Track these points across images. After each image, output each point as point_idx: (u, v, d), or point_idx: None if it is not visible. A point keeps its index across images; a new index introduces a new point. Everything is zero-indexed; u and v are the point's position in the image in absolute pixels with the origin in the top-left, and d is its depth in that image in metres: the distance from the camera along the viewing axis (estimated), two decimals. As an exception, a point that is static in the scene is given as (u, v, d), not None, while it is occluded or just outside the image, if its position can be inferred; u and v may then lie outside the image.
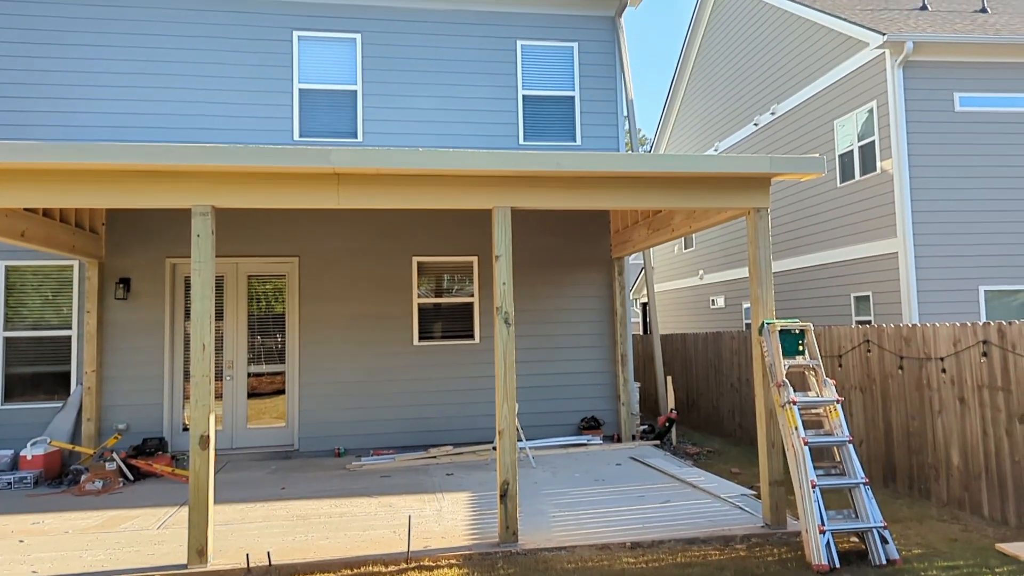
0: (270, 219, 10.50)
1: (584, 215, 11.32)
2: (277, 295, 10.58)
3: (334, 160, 6.06)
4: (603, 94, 11.45)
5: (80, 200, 6.04)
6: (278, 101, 10.61)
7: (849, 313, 13.34)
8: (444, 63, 11.08)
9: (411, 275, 10.73)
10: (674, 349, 14.39)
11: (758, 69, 16.88)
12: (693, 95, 21.04)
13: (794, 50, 15.27)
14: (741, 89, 17.81)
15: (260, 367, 10.44)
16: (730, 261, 18.41)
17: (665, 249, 23.21)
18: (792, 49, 15.35)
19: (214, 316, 6.11)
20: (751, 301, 6.97)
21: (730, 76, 18.42)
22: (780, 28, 15.81)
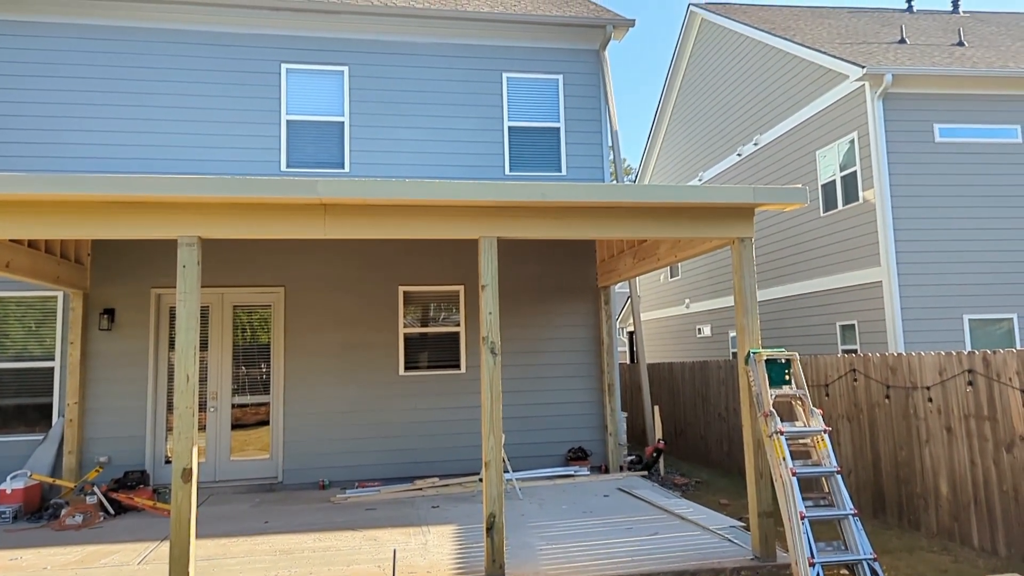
0: (256, 249, 10.45)
1: (570, 245, 11.34)
2: (262, 325, 10.51)
3: (321, 191, 6.05)
4: (588, 125, 11.54)
5: (66, 232, 5.99)
6: (266, 132, 10.62)
7: (835, 342, 13.38)
8: (430, 95, 11.15)
9: (397, 304, 10.68)
10: (661, 378, 14.36)
11: (741, 100, 17.09)
12: (677, 125, 21.26)
13: (776, 82, 15.49)
14: (724, 120, 18.01)
15: (244, 398, 10.33)
16: (716, 290, 18.48)
17: (651, 278, 23.29)
18: (774, 81, 15.57)
19: (199, 347, 6.04)
20: (737, 330, 6.98)
21: (713, 107, 18.64)
22: (762, 61, 16.05)
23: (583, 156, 11.44)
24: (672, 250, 8.21)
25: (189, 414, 5.87)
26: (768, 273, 15.70)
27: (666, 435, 13.62)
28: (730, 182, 17.55)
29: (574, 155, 11.42)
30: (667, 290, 22.11)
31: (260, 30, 10.81)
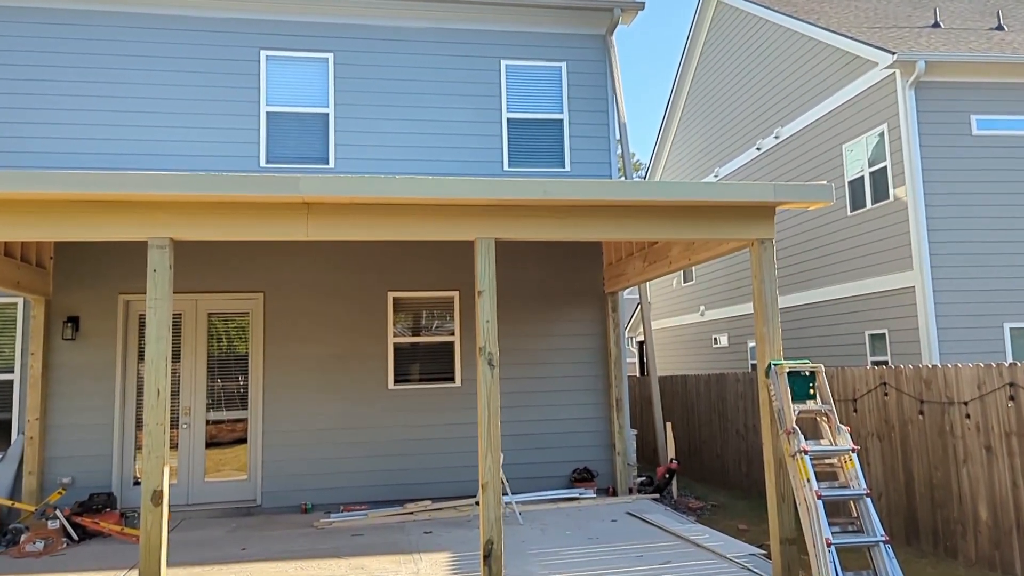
0: (233, 252, 10.46)
1: (574, 247, 11.35)
2: (240, 334, 10.51)
3: (303, 188, 6.06)
4: (594, 117, 11.56)
5: (27, 232, 6.00)
6: (244, 125, 10.64)
7: (864, 353, 13.39)
8: (423, 84, 11.18)
9: (386, 312, 10.69)
10: (674, 392, 14.36)
11: (760, 90, 17.13)
12: (691, 117, 21.30)
13: (798, 70, 15.53)
14: (742, 111, 18.05)
15: (220, 413, 10.33)
16: (734, 296, 18.49)
17: (663, 283, 23.30)
18: (796, 69, 15.61)
19: (170, 358, 6.05)
20: (757, 340, 6.98)
21: (730, 97, 18.69)
22: (783, 47, 16.09)
23: (589, 150, 11.46)
24: (686, 252, 8.22)
25: (160, 431, 5.86)
26: (790, 278, 15.71)
27: (679, 454, 13.62)
28: (749, 178, 17.58)
29: (579, 149, 11.44)
30: (680, 296, 22.12)
31: (237, 14, 10.84)
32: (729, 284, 18.80)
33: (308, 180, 6.09)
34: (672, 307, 22.81)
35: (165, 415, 5.90)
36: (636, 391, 16.23)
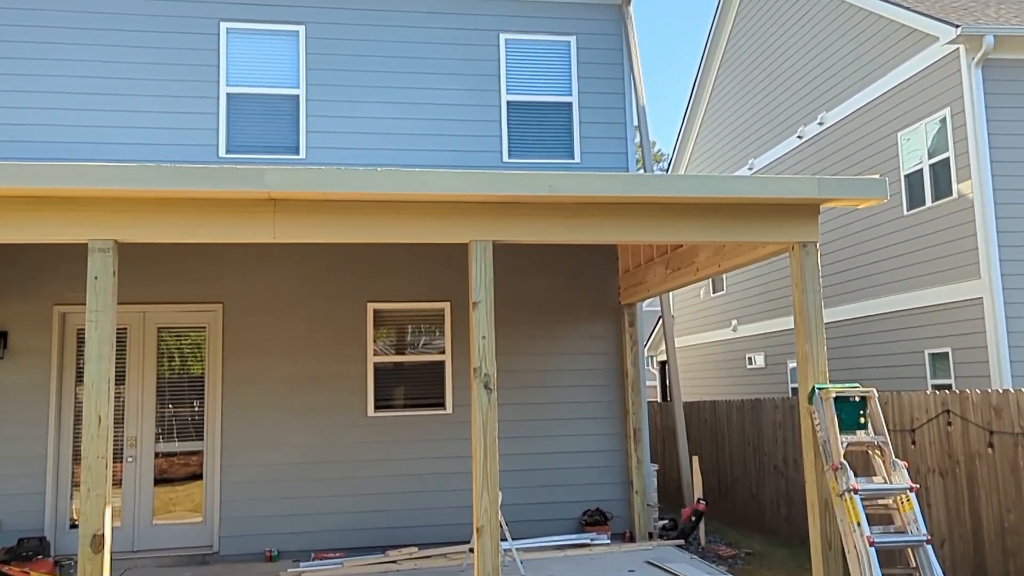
0: (187, 256, 10.46)
1: (585, 252, 11.35)
2: (195, 352, 10.50)
3: (270, 182, 6.06)
4: (608, 100, 11.58)
5: (-58, 232, 5.99)
6: (200, 108, 10.65)
7: (923, 375, 13.37)
8: (409, 62, 11.20)
9: (366, 326, 10.68)
10: (701, 421, 14.33)
11: (801, 70, 17.17)
12: (721, 101, 21.34)
13: (846, 46, 15.56)
14: (781, 93, 18.08)
15: (171, 445, 10.31)
16: (771, 309, 18.49)
17: (688, 293, 23.30)
18: (843, 45, 15.65)
19: (113, 379, 6.04)
20: (798, 360, 6.97)
21: (766, 78, 18.73)
22: (828, 20, 16.14)
23: (602, 139, 11.47)
24: (715, 258, 8.21)
25: (101, 465, 5.85)
26: (837, 287, 15.71)
27: (708, 493, 13.59)
28: (789, 171, 17.60)
29: (591, 137, 11.46)
30: (709, 309, 22.10)
31: (194, -21, 10.89)
32: (766, 295, 18.79)
33: (275, 173, 6.09)
34: (699, 322, 22.79)
35: (107, 446, 5.88)
36: (657, 419, 16.20)
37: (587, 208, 6.74)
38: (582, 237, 6.77)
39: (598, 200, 6.68)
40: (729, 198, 6.75)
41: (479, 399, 6.32)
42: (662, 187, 6.72)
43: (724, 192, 6.71)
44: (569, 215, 6.73)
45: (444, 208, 6.54)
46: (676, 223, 6.86)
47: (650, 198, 6.69)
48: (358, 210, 6.42)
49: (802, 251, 7.00)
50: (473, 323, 6.45)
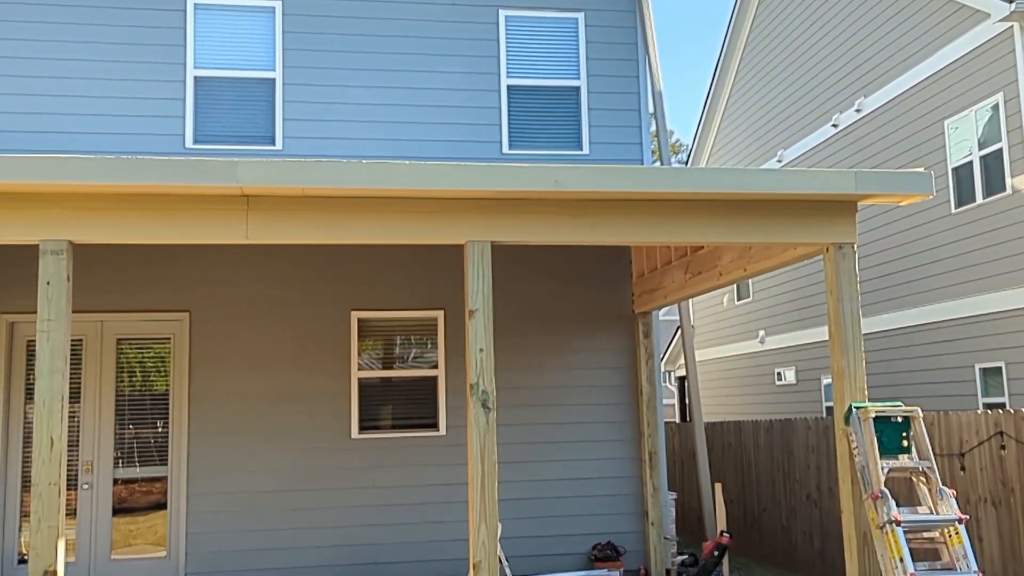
0: (150, 260, 10.45)
1: (594, 254, 11.34)
2: (158, 366, 10.49)
3: (242, 176, 6.06)
4: (620, 84, 11.58)
5: None
6: (165, 93, 10.65)
7: (973, 392, 13.35)
8: (398, 41, 11.20)
9: (349, 337, 10.67)
10: (725, 443, 14.31)
11: (837, 49, 17.17)
12: (746, 86, 21.35)
13: (887, 23, 15.58)
14: (814, 77, 18.09)
15: (132, 470, 10.29)
16: (803, 318, 18.48)
17: (710, 301, 23.29)
18: (884, 23, 15.66)
19: (68, 397, 6.03)
20: (833, 375, 6.96)
21: (798, 59, 18.74)
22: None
23: (613, 128, 11.47)
24: (740, 261, 8.21)
25: (53, 493, 5.83)
26: (876, 294, 15.70)
27: (732, 525, 13.56)
28: (822, 164, 17.60)
29: (601, 126, 11.45)
30: (733, 318, 22.09)
31: (158, -50, 10.90)
32: (797, 302, 18.78)
33: (248, 166, 6.08)
34: (723, 332, 22.78)
35: (60, 472, 5.87)
36: (675, 442, 16.18)
37: (597, 205, 6.74)
38: (591, 238, 6.77)
39: (609, 196, 6.67)
40: (756, 194, 6.74)
41: (476, 419, 6.30)
42: (681, 181, 6.71)
43: (751, 187, 6.70)
44: (576, 213, 6.72)
45: (437, 205, 6.54)
46: (697, 222, 6.86)
47: (668, 194, 6.69)
48: (341, 208, 6.42)
49: (838, 253, 6.99)
50: (469, 334, 6.43)
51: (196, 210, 6.26)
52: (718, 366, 22.93)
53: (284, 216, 6.35)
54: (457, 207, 6.56)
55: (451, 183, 6.35)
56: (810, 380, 18.23)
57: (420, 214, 6.53)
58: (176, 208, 6.24)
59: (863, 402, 6.77)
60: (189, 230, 6.27)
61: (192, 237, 6.28)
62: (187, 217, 6.26)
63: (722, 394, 22.54)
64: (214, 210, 6.27)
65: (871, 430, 6.61)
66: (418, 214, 6.53)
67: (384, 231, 6.50)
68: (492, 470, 6.26)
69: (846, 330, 6.87)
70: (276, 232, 6.35)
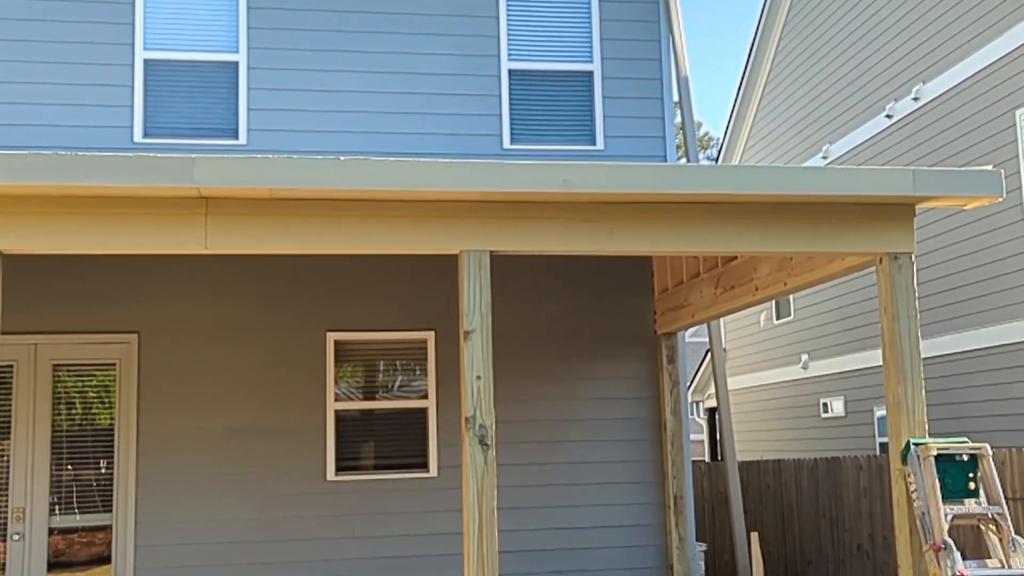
0: (93, 273, 10.44)
1: (611, 266, 11.33)
2: (102, 397, 10.47)
3: (200, 175, 6.04)
4: (640, 68, 11.59)
5: None
6: (109, 79, 10.67)
7: (1050, 425, 13.34)
8: (381, 19, 11.21)
9: (324, 363, 10.65)
10: (762, 485, 14.29)
11: (892, 28, 17.19)
12: (786, 71, 21.38)
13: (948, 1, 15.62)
14: (864, 60, 18.11)
15: (71, 518, 10.27)
16: (852, 340, 18.45)
17: (744, 320, 23.27)
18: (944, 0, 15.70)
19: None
20: (888, 406, 6.94)
21: (846, 40, 18.76)
22: (925, -36, 16.21)
23: (632, 119, 11.48)
24: (779, 274, 8.20)
25: (-23, 546, 5.83)
26: (936, 312, 15.67)
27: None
28: (875, 161, 17.60)
29: (617, 117, 11.46)
30: (771, 340, 22.07)
31: (103, -86, 10.94)
32: (845, 322, 18.76)
33: (207, 163, 6.07)
34: (759, 357, 22.76)
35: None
36: (705, 483, 16.15)
37: (613, 209, 6.73)
38: (607, 246, 6.76)
39: (628, 198, 6.67)
40: (799, 195, 6.73)
41: (473, 459, 6.29)
42: (712, 181, 6.71)
43: (793, 188, 6.70)
44: (589, 218, 6.72)
45: (427, 209, 6.54)
46: (729, 228, 6.85)
47: (696, 195, 6.68)
48: (316, 212, 6.41)
49: (893, 264, 6.97)
50: (464, 359, 6.42)
51: (146, 215, 6.25)
52: (754, 396, 22.90)
53: (249, 222, 6.34)
54: (450, 211, 6.55)
55: (443, 183, 6.35)
56: (861, 412, 18.19)
57: (407, 219, 6.52)
58: (123, 213, 6.23)
59: (923, 437, 6.75)
60: (138, 238, 6.26)
61: (142, 247, 6.27)
62: (136, 223, 6.25)
63: (759, 428, 22.51)
64: (167, 215, 6.26)
65: (932, 470, 6.59)
66: (405, 219, 6.52)
67: (365, 239, 6.49)
68: (491, 518, 6.24)
69: (903, 354, 6.85)
70: (240, 241, 6.35)
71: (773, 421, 21.86)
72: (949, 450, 6.68)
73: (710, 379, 25.78)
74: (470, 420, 6.34)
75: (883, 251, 7.00)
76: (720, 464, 14.98)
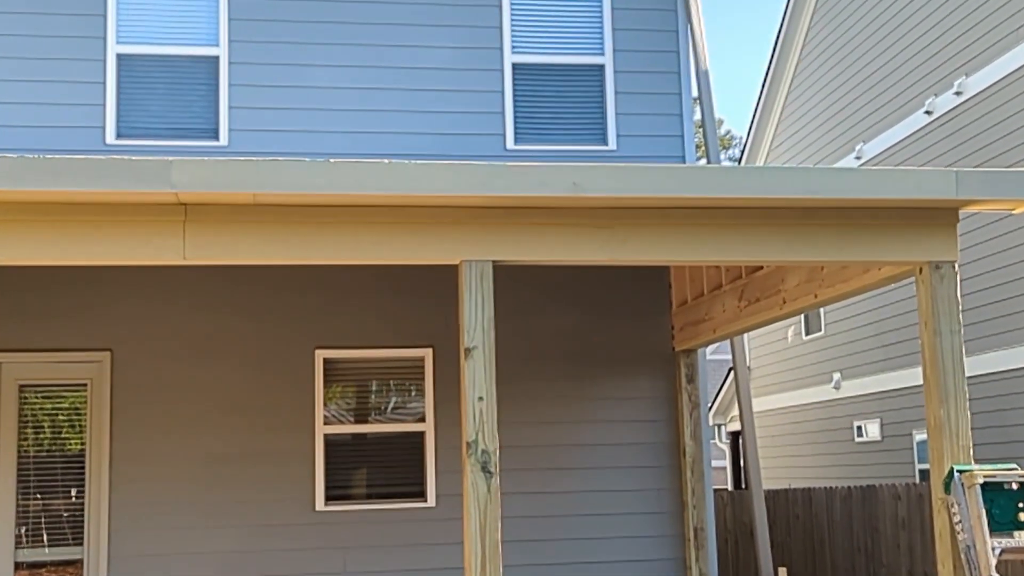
0: (62, 286, 10.45)
1: (624, 276, 11.33)
2: (72, 420, 10.49)
3: (178, 179, 6.05)
4: (656, 60, 11.60)
5: None
6: (78, 75, 10.69)
7: (1106, 450, 13.31)
8: (374, 9, 11.23)
9: (313, 383, 10.65)
10: (791, 516, 14.26)
11: (931, 16, 17.19)
12: (815, 63, 21.39)
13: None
14: (901, 54, 18.11)
15: (39, 552, 10.28)
16: (889, 357, 18.42)
17: (770, 336, 23.25)
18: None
19: (-48, 462, 6.03)
20: (929, 430, 6.93)
21: (881, 30, 18.77)
22: (966, -53, 16.23)
23: (647, 116, 11.48)
24: (809, 285, 8.20)
25: (-66, 583, 5.83)
26: (981, 327, 15.64)
27: (801, 621, 13.52)
28: (914, 160, 17.58)
29: (631, 114, 11.46)
30: (800, 357, 22.05)
31: None
32: (881, 337, 18.74)
33: (186, 166, 6.08)
34: (787, 375, 22.74)
35: (-56, 556, 5.87)
36: (727, 514, 16.12)
37: (627, 215, 6.73)
38: (620, 256, 6.76)
39: (643, 203, 6.67)
40: (830, 200, 6.73)
41: (475, 487, 6.28)
42: (735, 184, 6.70)
43: (823, 191, 6.68)
44: (601, 224, 6.72)
45: (424, 215, 6.54)
46: (754, 235, 6.85)
47: (718, 200, 6.68)
48: (303, 219, 6.42)
49: (934, 275, 6.96)
50: (465, 378, 6.42)
51: (120, 223, 6.25)
52: (781, 418, 22.87)
53: (231, 230, 6.35)
54: (449, 218, 6.55)
55: (442, 187, 6.35)
56: (899, 436, 18.15)
57: (403, 227, 6.52)
58: (94, 221, 6.23)
59: (968, 464, 6.74)
60: (111, 248, 6.26)
61: (115, 257, 6.27)
62: (108, 232, 6.25)
63: (787, 454, 22.48)
64: (143, 222, 6.27)
65: (978, 500, 6.57)
66: (400, 227, 6.52)
67: (357, 249, 6.49)
68: (495, 552, 6.23)
69: (945, 372, 6.83)
70: (221, 250, 6.35)
71: (802, 446, 21.83)
72: (997, 478, 6.66)
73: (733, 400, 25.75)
74: (472, 445, 6.33)
75: (923, 260, 6.98)
76: (744, 493, 14.96)
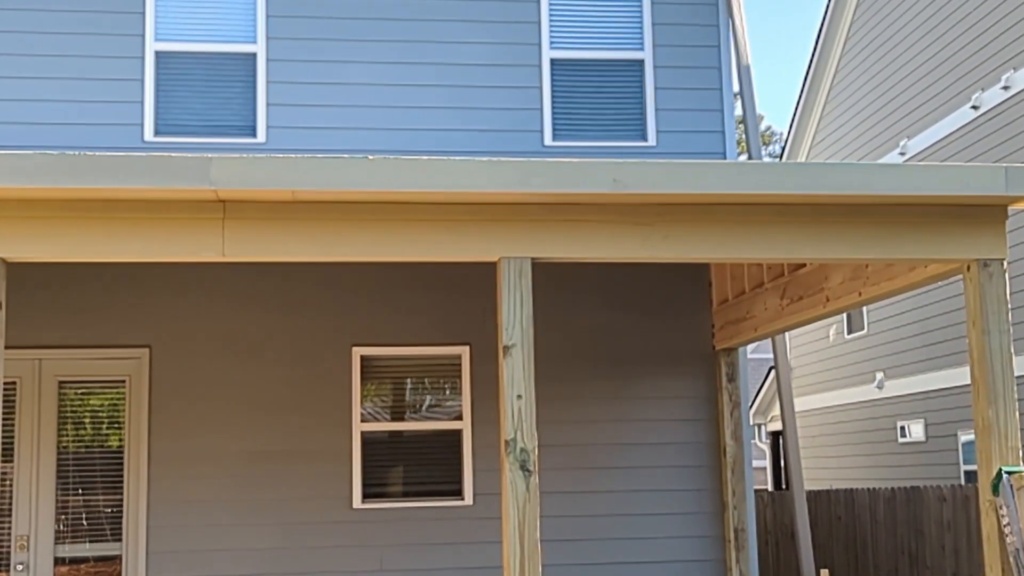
0: (101, 283, 10.51)
1: (665, 274, 11.28)
2: (111, 416, 10.54)
3: (217, 177, 6.06)
4: (697, 56, 11.55)
5: None
6: (117, 73, 10.74)
7: None
8: (412, 4, 11.23)
9: (350, 380, 10.67)
10: (833, 518, 14.19)
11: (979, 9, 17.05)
12: (858, 58, 21.27)
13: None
14: (946, 48, 17.98)
15: (79, 547, 10.33)
16: (934, 356, 18.30)
17: (812, 335, 23.14)
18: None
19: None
20: (976, 430, 6.87)
21: (926, 23, 18.64)
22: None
23: (687, 112, 11.44)
24: (853, 283, 8.15)
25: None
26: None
27: (843, 623, 13.45)
28: (960, 156, 17.46)
29: (671, 110, 11.43)
30: (842, 356, 21.93)
31: None
32: (926, 336, 18.62)
33: (224, 163, 6.09)
34: (829, 375, 22.63)
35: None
36: (768, 515, 16.06)
37: (668, 211, 6.71)
38: (660, 253, 6.74)
39: (684, 200, 6.65)
40: (875, 196, 6.69)
41: (514, 486, 6.27)
42: (778, 180, 6.67)
43: (867, 188, 6.64)
44: (641, 221, 6.69)
45: (463, 212, 6.53)
46: (797, 232, 6.81)
47: (760, 196, 6.65)
48: (341, 216, 6.42)
49: (982, 273, 6.90)
50: (504, 377, 6.41)
51: (159, 220, 6.27)
52: (823, 418, 22.76)
53: (269, 227, 6.36)
54: (488, 214, 6.54)
55: (480, 184, 6.34)
56: (944, 436, 18.03)
57: (441, 224, 6.52)
58: (133, 218, 6.26)
59: (1017, 465, 6.68)
60: (150, 245, 6.28)
61: (154, 254, 6.30)
62: (148, 229, 6.28)
63: (829, 454, 22.37)
64: (182, 220, 6.29)
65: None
66: (438, 224, 6.51)
67: (395, 246, 6.50)
68: (534, 551, 6.22)
69: (993, 371, 6.77)
70: (260, 247, 6.36)
71: (844, 446, 21.71)
72: (1044, 479, 6.61)
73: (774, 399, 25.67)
74: (510, 444, 6.32)
75: (971, 258, 6.92)
76: (786, 494, 14.89)
